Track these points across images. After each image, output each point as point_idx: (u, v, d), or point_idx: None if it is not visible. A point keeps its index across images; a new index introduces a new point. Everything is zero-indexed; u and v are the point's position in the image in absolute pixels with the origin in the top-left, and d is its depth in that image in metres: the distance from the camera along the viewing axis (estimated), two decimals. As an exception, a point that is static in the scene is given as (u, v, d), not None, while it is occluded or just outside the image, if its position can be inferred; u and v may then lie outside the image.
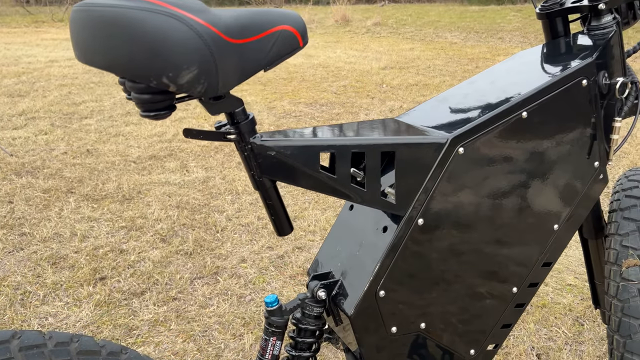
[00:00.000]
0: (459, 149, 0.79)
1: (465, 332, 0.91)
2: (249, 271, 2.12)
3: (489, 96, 0.87)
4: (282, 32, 0.64)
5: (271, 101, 5.17)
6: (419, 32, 9.33)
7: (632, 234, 1.07)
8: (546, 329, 1.75)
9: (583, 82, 0.87)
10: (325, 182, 0.74)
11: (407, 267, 0.81)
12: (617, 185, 1.20)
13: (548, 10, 1.02)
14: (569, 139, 0.89)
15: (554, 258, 0.96)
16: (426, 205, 0.79)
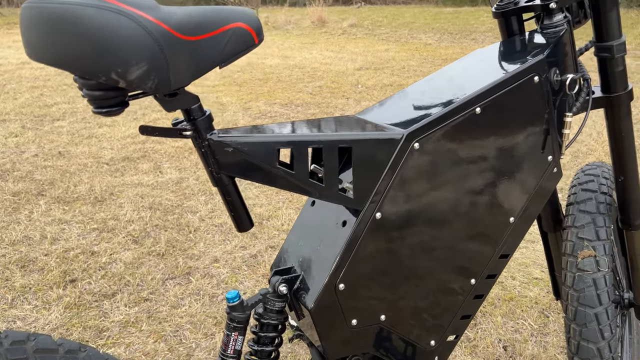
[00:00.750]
0: (414, 144, 0.81)
1: (425, 324, 0.93)
2: (221, 271, 2.12)
3: (444, 93, 0.90)
4: (237, 30, 0.65)
5: (247, 102, 5.17)
6: (394, 34, 9.41)
7: (587, 226, 1.11)
8: (513, 321, 1.79)
9: (535, 79, 0.90)
10: (284, 177, 0.75)
11: (366, 260, 0.82)
12: (574, 180, 1.25)
13: (503, 9, 1.05)
14: (523, 133, 0.92)
15: (511, 250, 0.99)
16: (383, 199, 0.81)
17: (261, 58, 7.52)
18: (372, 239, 0.82)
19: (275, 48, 8.52)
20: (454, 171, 0.86)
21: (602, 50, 1.01)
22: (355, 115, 0.93)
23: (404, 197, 0.83)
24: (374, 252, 0.83)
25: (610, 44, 1.00)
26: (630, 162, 1.11)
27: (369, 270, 0.83)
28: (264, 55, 7.75)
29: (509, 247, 0.98)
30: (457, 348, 1.66)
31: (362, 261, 0.82)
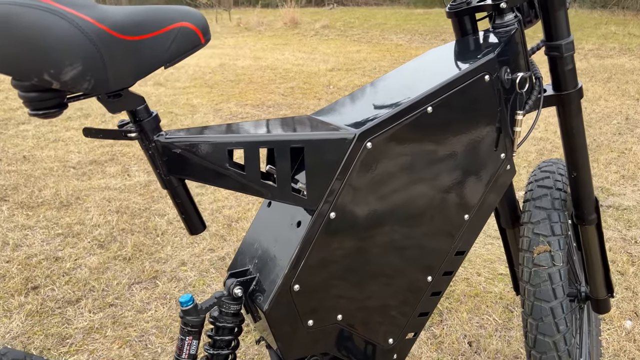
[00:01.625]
0: (367, 143, 0.81)
1: (382, 322, 0.93)
2: (189, 274, 2.09)
3: (397, 92, 0.90)
4: (182, 29, 0.65)
5: (217, 103, 5.13)
6: (365, 35, 9.46)
7: (542, 221, 1.13)
8: (478, 317, 1.82)
9: (485, 78, 0.91)
10: (235, 179, 0.75)
11: (321, 260, 0.82)
12: (531, 177, 1.27)
13: (456, 9, 1.07)
14: (475, 132, 0.93)
15: (467, 247, 1.00)
16: (337, 199, 0.81)
17: (233, 59, 7.47)
18: (327, 239, 0.82)
19: (247, 49, 8.47)
20: (407, 170, 0.87)
21: (552, 49, 1.03)
22: (310, 115, 0.93)
23: (358, 197, 0.83)
24: (328, 252, 0.82)
25: (559, 43, 1.02)
26: (582, 158, 1.14)
27: (324, 271, 0.83)
28: (236, 57, 7.70)
29: (465, 243, 0.99)
30: (423, 345, 1.68)
31: (317, 261, 0.82)
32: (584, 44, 7.33)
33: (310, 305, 0.83)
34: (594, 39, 7.74)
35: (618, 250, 2.23)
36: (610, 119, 4.05)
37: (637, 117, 4.06)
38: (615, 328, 1.75)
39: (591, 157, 3.29)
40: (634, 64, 5.93)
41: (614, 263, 2.13)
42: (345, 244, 0.84)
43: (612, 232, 2.39)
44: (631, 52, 6.61)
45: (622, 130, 3.78)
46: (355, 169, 0.81)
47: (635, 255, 2.18)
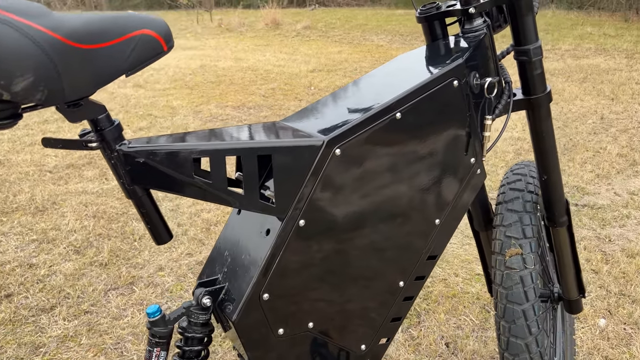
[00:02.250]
0: (335, 150, 0.80)
1: (355, 329, 0.93)
2: (166, 279, 2.07)
3: (366, 98, 0.90)
4: (143, 37, 0.64)
5: (198, 105, 5.09)
6: (347, 35, 9.48)
7: (514, 224, 1.13)
8: (455, 317, 1.83)
9: (454, 83, 0.92)
10: (202, 188, 0.74)
11: (291, 268, 0.81)
12: (504, 179, 1.28)
13: (426, 14, 1.07)
14: (445, 137, 0.93)
15: (439, 251, 1.00)
16: (306, 206, 0.80)
17: (214, 60, 7.43)
18: (296, 246, 0.81)
19: (228, 50, 8.43)
20: (377, 176, 0.87)
21: (521, 53, 1.04)
22: (280, 121, 0.92)
23: (328, 204, 0.82)
24: (298, 260, 0.82)
25: (527, 48, 1.03)
26: (552, 161, 1.15)
27: (294, 278, 0.82)
28: (216, 58, 7.66)
29: (437, 248, 0.99)
30: (400, 347, 1.68)
31: (286, 269, 0.81)
32: (560, 45, 7.44)
33: (280, 313, 0.83)
34: (570, 39, 7.86)
35: (593, 248, 2.27)
36: (586, 119, 4.11)
37: (612, 117, 4.13)
38: (589, 326, 1.77)
39: (567, 157, 3.34)
40: (609, 64, 6.03)
41: (588, 262, 2.16)
42: (315, 252, 0.83)
43: (587, 230, 2.42)
44: (606, 53, 6.73)
45: (597, 130, 3.85)
46: (324, 176, 0.80)
47: (609, 254, 2.22)
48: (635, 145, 3.51)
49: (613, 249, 2.27)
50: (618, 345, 1.69)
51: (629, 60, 6.19)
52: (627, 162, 3.23)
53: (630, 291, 1.96)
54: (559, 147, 3.51)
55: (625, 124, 3.96)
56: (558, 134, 3.78)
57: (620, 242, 2.31)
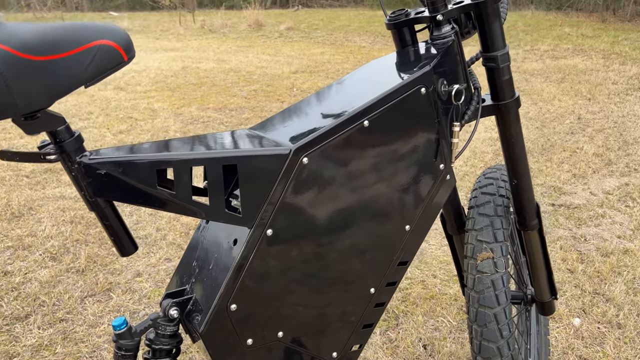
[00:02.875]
0: (302, 158, 0.80)
1: (326, 336, 0.93)
2: (144, 285, 2.05)
3: (335, 105, 0.90)
4: (102, 47, 0.63)
5: (179, 107, 5.06)
6: (329, 37, 9.49)
7: (485, 228, 1.14)
8: (433, 319, 1.84)
9: (422, 90, 0.92)
10: (166, 199, 0.73)
11: (259, 278, 0.81)
12: (476, 183, 1.29)
13: (395, 21, 1.07)
14: (413, 144, 0.93)
15: (409, 257, 1.00)
16: (274, 215, 0.79)
17: (196, 62, 7.39)
18: (264, 256, 0.80)
19: (211, 52, 8.39)
20: (345, 184, 0.86)
21: (489, 60, 1.05)
22: (248, 129, 0.92)
23: (296, 212, 0.82)
24: (266, 269, 0.81)
25: (495, 55, 1.04)
26: (522, 166, 1.16)
27: (262, 288, 0.82)
28: (199, 59, 7.61)
29: (407, 254, 0.99)
30: (378, 349, 1.69)
31: (254, 279, 0.80)
32: (539, 45, 7.53)
33: (248, 324, 0.82)
34: (549, 40, 7.97)
35: (568, 248, 2.30)
36: (564, 119, 4.17)
37: (588, 117, 4.19)
38: (564, 326, 1.80)
39: (545, 157, 3.39)
40: (586, 64, 6.12)
41: (564, 261, 2.19)
42: (284, 261, 0.83)
43: (564, 230, 2.46)
44: (584, 53, 6.83)
45: (574, 130, 3.90)
46: (291, 184, 0.80)
47: (584, 253, 2.25)
48: (611, 144, 3.57)
49: (588, 248, 2.30)
50: (592, 344, 1.71)
51: (605, 60, 6.29)
52: (602, 161, 3.29)
53: (604, 290, 1.99)
54: (538, 148, 3.56)
55: (601, 123, 4.02)
56: (536, 134, 3.83)
57: (595, 242, 2.35)
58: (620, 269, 2.12)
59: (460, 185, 2.99)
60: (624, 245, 2.30)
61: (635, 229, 2.44)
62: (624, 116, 4.18)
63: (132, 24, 12.50)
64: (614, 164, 3.23)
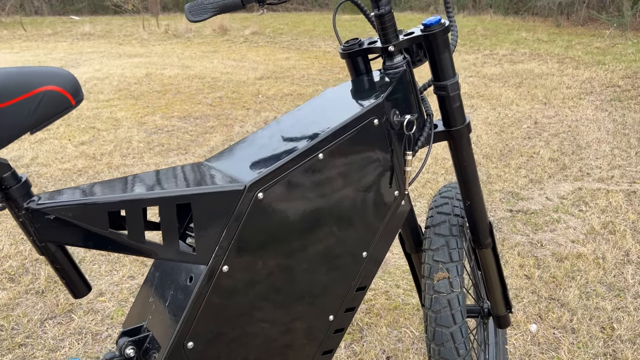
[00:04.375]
0: (257, 194, 0.81)
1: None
2: (107, 305, 2.03)
3: (290, 138, 0.92)
4: (47, 93, 0.63)
5: (142, 116, 4.99)
6: (295, 41, 9.51)
7: (441, 248, 1.17)
8: (396, 330, 1.88)
9: (375, 122, 0.94)
10: (118, 241, 0.72)
11: (216, 315, 0.81)
12: (432, 202, 1.32)
13: (349, 50, 1.10)
14: (368, 173, 0.96)
15: (367, 282, 1.02)
16: (230, 252, 0.80)
17: (160, 68, 7.29)
18: (220, 292, 0.80)
19: (175, 57, 8.29)
20: (301, 216, 0.87)
21: (439, 89, 1.08)
22: (203, 162, 0.92)
23: (252, 247, 0.82)
24: (223, 306, 0.81)
25: (445, 84, 1.07)
26: (475, 187, 1.20)
27: (220, 324, 0.82)
28: (163, 66, 7.51)
29: (365, 279, 1.01)
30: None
31: (211, 316, 0.80)
32: (498, 50, 7.73)
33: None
34: (507, 44, 8.19)
35: (526, 254, 2.38)
36: (521, 123, 4.30)
37: (545, 121, 4.34)
38: (521, 332, 1.86)
39: (503, 162, 3.49)
40: (542, 68, 6.33)
41: (522, 267, 2.27)
42: (241, 296, 0.83)
43: (521, 236, 2.54)
44: (540, 57, 7.06)
45: (531, 134, 4.03)
46: (247, 220, 0.80)
47: (540, 259, 2.34)
48: (566, 149, 3.70)
49: (544, 253, 2.39)
50: (548, 350, 1.78)
51: (560, 65, 6.51)
52: (557, 166, 3.41)
53: (559, 295, 2.07)
54: (497, 153, 3.66)
55: (556, 128, 4.17)
56: (495, 139, 3.94)
57: (550, 247, 2.44)
58: (574, 274, 2.21)
59: (423, 192, 3.06)
60: (578, 250, 2.40)
61: (588, 233, 2.55)
62: (577, 120, 4.34)
63: (94, 28, 12.24)
64: (568, 169, 3.35)
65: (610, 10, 9.77)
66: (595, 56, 6.94)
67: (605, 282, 2.15)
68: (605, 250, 2.38)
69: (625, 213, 2.72)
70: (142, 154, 3.92)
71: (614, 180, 3.16)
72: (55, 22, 13.94)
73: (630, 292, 2.07)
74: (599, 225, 2.61)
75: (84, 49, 9.66)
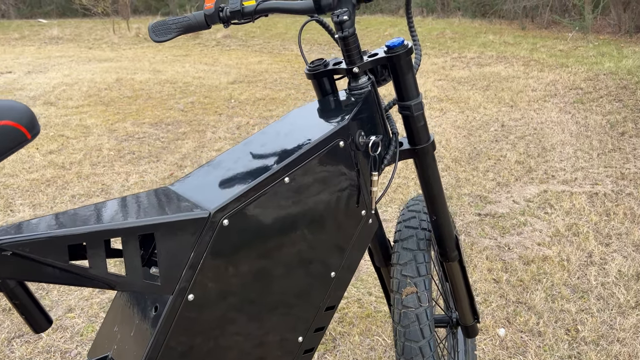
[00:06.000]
0: (222, 220, 0.80)
1: None
2: (76, 321, 2.00)
3: (254, 162, 0.91)
4: (2, 128, 0.62)
5: (113, 123, 4.92)
6: (267, 45, 9.49)
7: (409, 263, 1.18)
8: (369, 338, 1.91)
9: (340, 144, 0.95)
10: (79, 274, 0.71)
11: (182, 343, 0.80)
12: (400, 216, 1.34)
13: (314, 71, 1.12)
14: (335, 194, 0.97)
15: (336, 301, 1.02)
16: (195, 280, 0.79)
17: (131, 73, 7.19)
18: (186, 321, 0.80)
19: (146, 62, 8.19)
20: (268, 240, 0.87)
21: (404, 108, 1.11)
22: (167, 186, 0.91)
23: (218, 275, 0.82)
24: (189, 334, 0.81)
25: (409, 104, 1.09)
26: (440, 203, 1.22)
27: (185, 353, 0.81)
28: (134, 70, 7.42)
29: (334, 299, 1.01)
30: (317, 374, 1.74)
31: (177, 345, 0.79)
32: (466, 53, 7.88)
33: None
34: (475, 47, 8.34)
35: (494, 258, 2.44)
36: (489, 127, 4.40)
37: (511, 124, 4.44)
38: (490, 337, 1.91)
39: (472, 166, 3.56)
40: (509, 71, 6.47)
41: (490, 271, 2.33)
42: (207, 323, 0.83)
43: (489, 240, 2.60)
44: (506, 60, 7.21)
45: (498, 137, 4.12)
46: (212, 248, 0.79)
47: (508, 262, 2.40)
48: (531, 151, 3.80)
49: (512, 257, 2.45)
50: (515, 353, 1.84)
51: (525, 67, 6.67)
52: (524, 169, 3.50)
53: (526, 299, 2.13)
54: (465, 156, 3.73)
55: (522, 130, 4.27)
56: (464, 142, 4.02)
57: (518, 250, 2.51)
58: (540, 277, 2.28)
59: (394, 197, 3.10)
60: (544, 253, 2.47)
61: (553, 236, 2.62)
62: (542, 122, 4.46)
63: (62, 32, 11.99)
64: (534, 171, 3.44)
65: (572, 14, 10.06)
66: (558, 59, 7.14)
67: (570, 284, 2.23)
68: (569, 252, 2.46)
69: (588, 215, 2.82)
70: (113, 162, 3.87)
71: (577, 182, 3.26)
72: (23, 26, 13.60)
73: (594, 294, 2.15)
74: (564, 228, 2.69)
75: (53, 53, 9.46)
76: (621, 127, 4.21)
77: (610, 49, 7.57)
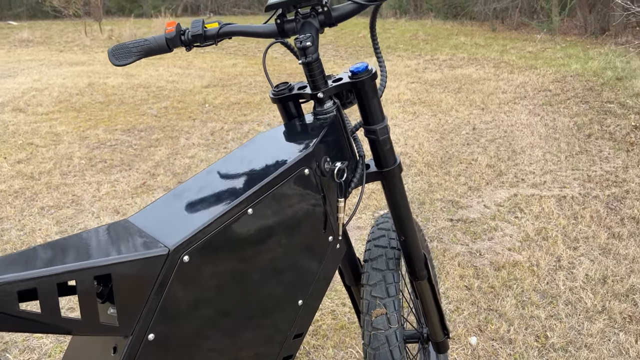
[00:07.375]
0: (183, 257, 0.78)
1: None
2: (44, 342, 1.96)
3: (217, 193, 0.90)
4: None
5: (84, 130, 4.83)
6: (241, 47, 9.43)
7: (379, 284, 1.18)
8: (343, 351, 1.92)
9: (305, 171, 0.94)
10: (32, 320, 0.67)
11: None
12: (369, 235, 1.34)
13: (279, 95, 1.11)
14: (301, 223, 0.95)
15: (304, 328, 1.02)
16: (155, 319, 0.76)
17: (103, 77, 7.07)
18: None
19: (117, 65, 8.05)
20: (232, 275, 0.86)
21: (369, 132, 1.11)
22: (127, 220, 0.88)
23: (179, 313, 0.80)
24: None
25: (374, 128, 1.10)
26: (408, 224, 1.23)
27: None
28: (106, 74, 7.29)
29: (302, 326, 1.01)
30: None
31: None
32: (438, 55, 7.96)
33: None
34: (447, 49, 8.43)
35: (465, 264, 2.48)
36: (460, 130, 4.45)
37: (482, 127, 4.51)
38: (462, 346, 1.94)
39: (444, 170, 3.61)
40: (480, 73, 6.56)
41: (462, 278, 2.36)
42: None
43: (461, 246, 2.64)
44: (477, 62, 7.31)
45: (470, 141, 4.18)
46: (172, 285, 0.77)
47: (479, 268, 2.44)
48: (502, 155, 3.86)
49: (483, 262, 2.49)
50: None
51: (496, 69, 6.77)
52: (494, 172, 3.56)
53: (497, 306, 2.17)
54: (437, 160, 3.78)
55: (493, 133, 4.34)
56: (436, 146, 4.07)
57: (489, 256, 2.55)
58: (510, 283, 2.32)
59: (368, 204, 3.12)
60: (514, 258, 2.52)
61: (523, 240, 2.68)
62: (512, 125, 4.53)
63: (32, 34, 11.70)
64: (504, 175, 3.50)
65: (540, 16, 10.26)
66: (528, 60, 7.27)
67: (540, 289, 2.27)
68: (539, 257, 2.51)
69: (557, 219, 2.88)
70: (84, 171, 3.80)
71: (546, 185, 3.33)
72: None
73: (562, 299, 2.20)
74: (533, 232, 2.74)
75: (22, 56, 9.24)
76: (587, 129, 4.32)
77: (577, 51, 7.74)
